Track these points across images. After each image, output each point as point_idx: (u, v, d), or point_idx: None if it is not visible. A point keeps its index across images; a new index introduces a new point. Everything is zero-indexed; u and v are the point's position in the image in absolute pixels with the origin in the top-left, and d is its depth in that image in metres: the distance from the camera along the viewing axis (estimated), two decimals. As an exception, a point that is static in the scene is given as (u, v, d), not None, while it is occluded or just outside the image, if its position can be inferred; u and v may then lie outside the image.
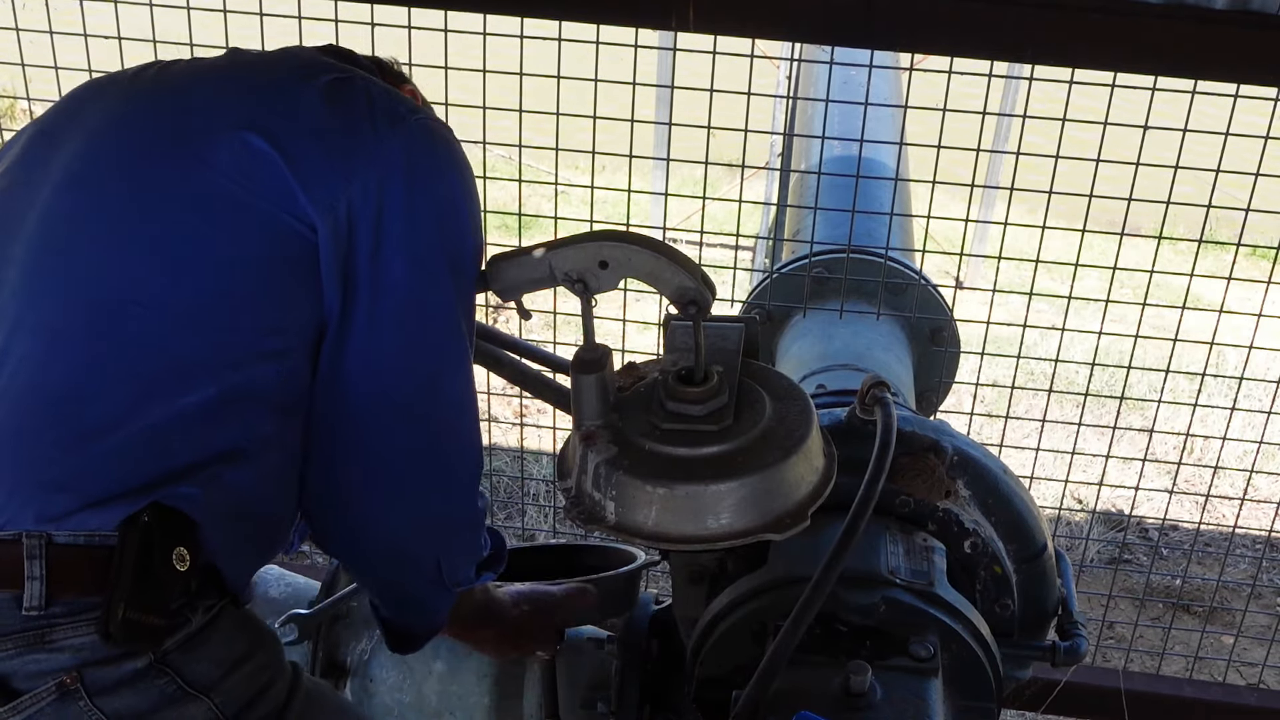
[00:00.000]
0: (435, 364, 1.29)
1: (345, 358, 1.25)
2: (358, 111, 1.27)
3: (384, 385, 1.26)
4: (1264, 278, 2.50)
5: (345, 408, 1.27)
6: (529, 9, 2.09)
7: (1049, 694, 2.55)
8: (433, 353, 1.29)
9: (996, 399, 4.16)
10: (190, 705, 1.20)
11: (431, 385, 1.29)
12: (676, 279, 1.30)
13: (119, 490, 1.15)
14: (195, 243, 1.21)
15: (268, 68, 1.35)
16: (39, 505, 1.14)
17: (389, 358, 1.26)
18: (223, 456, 1.20)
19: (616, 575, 1.68)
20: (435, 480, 1.33)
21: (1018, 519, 1.56)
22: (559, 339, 2.74)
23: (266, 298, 1.22)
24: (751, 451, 1.28)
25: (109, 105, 1.31)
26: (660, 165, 5.15)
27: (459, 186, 1.30)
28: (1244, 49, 1.90)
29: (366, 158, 1.24)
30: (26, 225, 1.24)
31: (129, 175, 1.24)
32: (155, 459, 1.17)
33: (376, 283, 1.24)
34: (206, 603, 1.24)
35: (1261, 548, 3.77)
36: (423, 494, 1.32)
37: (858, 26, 1.99)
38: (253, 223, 1.21)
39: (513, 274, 1.35)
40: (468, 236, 1.31)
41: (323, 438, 1.29)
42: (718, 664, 1.44)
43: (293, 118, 1.25)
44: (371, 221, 1.23)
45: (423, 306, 1.27)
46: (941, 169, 2.40)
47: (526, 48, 2.31)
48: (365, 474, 1.29)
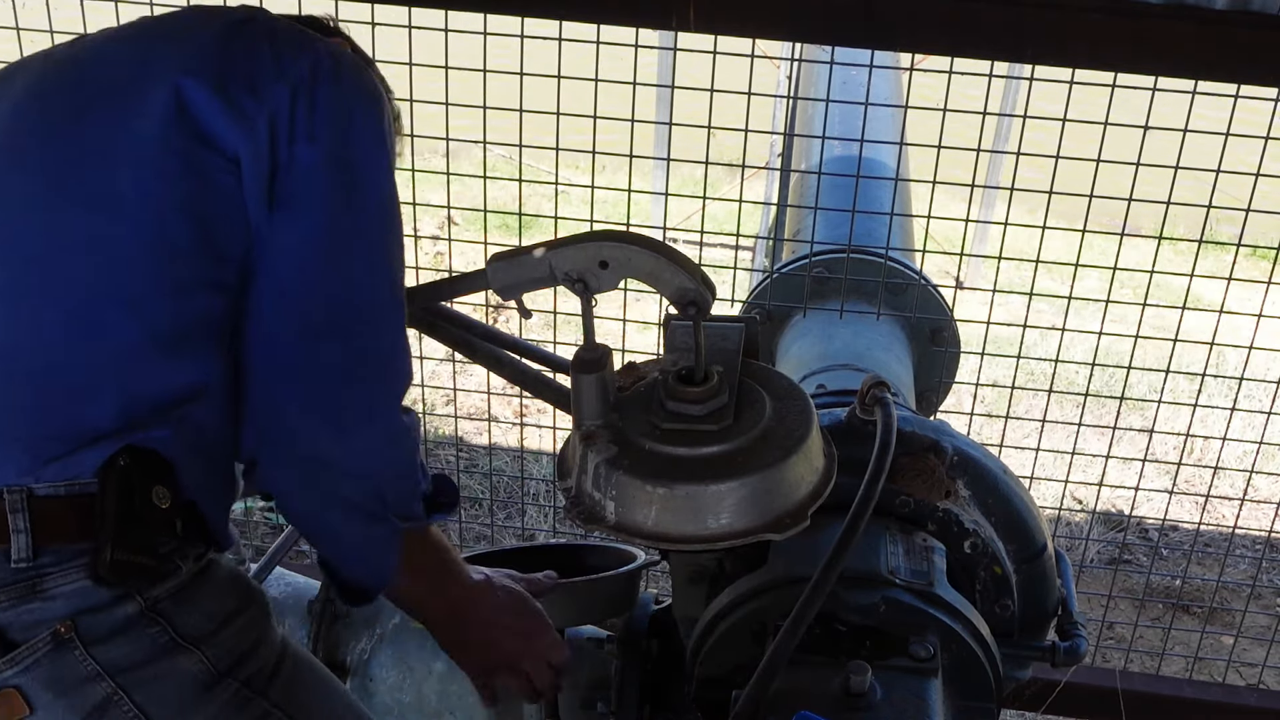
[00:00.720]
0: (354, 275, 1.30)
1: (265, 274, 1.28)
2: (263, 42, 1.32)
3: (302, 300, 1.28)
4: (1264, 278, 2.50)
5: (268, 325, 1.29)
6: (529, 9, 2.09)
7: (1049, 694, 2.55)
8: (350, 264, 1.30)
9: (996, 399, 4.16)
10: (182, 657, 1.22)
11: (350, 295, 1.30)
12: (676, 279, 1.30)
13: (92, 436, 1.19)
14: (128, 187, 1.24)
15: (175, 18, 1.41)
16: (15, 461, 1.18)
17: (306, 270, 1.28)
18: (187, 395, 1.24)
19: (616, 575, 1.68)
20: (363, 394, 1.32)
21: (1018, 519, 1.56)
22: (559, 339, 2.74)
23: (204, 231, 1.25)
24: (751, 451, 1.28)
25: (29, 76, 1.36)
26: (660, 165, 5.15)
27: (361, 105, 1.33)
28: (1244, 49, 1.90)
29: (275, 78, 1.28)
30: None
31: (57, 135, 1.28)
32: (122, 403, 1.20)
33: (292, 197, 1.27)
34: (195, 550, 1.27)
35: (1261, 548, 3.77)
36: (352, 408, 1.31)
37: (858, 26, 1.99)
38: (181, 161, 1.25)
39: (513, 274, 1.35)
40: (382, 157, 1.34)
41: (253, 362, 1.30)
42: (718, 664, 1.44)
43: (205, 58, 1.29)
44: (285, 137, 1.27)
45: (338, 220, 1.29)
46: (941, 169, 2.40)
47: (526, 48, 2.31)
48: (294, 393, 1.29)
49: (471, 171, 2.80)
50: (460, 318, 1.69)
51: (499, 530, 3.67)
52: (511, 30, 2.25)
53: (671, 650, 1.65)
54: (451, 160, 2.58)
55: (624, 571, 1.70)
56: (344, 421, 1.31)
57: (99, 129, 1.27)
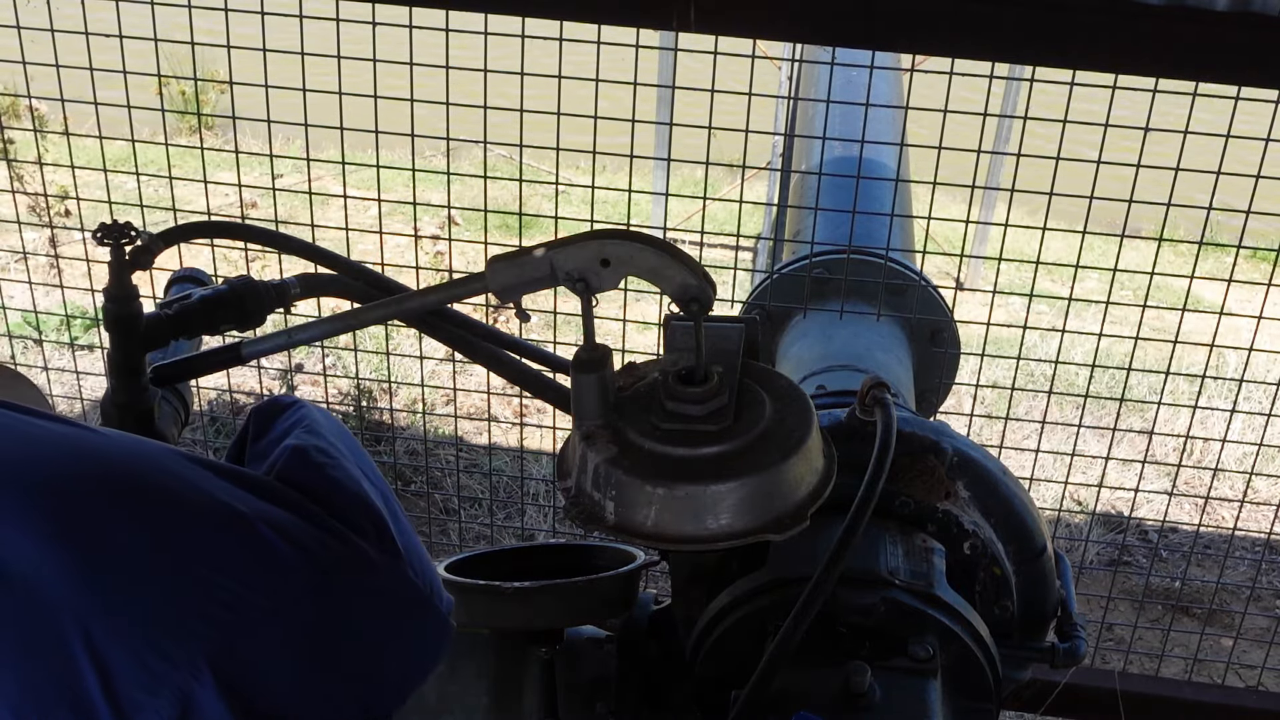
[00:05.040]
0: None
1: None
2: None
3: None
4: (1264, 280, 2.50)
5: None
6: (530, 9, 2.09)
7: (1048, 695, 2.55)
8: None
9: (996, 400, 4.16)
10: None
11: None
12: (679, 276, 1.30)
13: None
14: None
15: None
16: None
17: None
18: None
19: (614, 575, 1.68)
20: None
21: (1017, 520, 1.56)
22: (559, 339, 2.74)
23: None
24: (751, 452, 1.28)
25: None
26: (661, 165, 5.15)
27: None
28: (1245, 50, 1.90)
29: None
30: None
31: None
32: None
33: None
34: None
35: (1261, 550, 3.77)
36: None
37: (858, 27, 1.99)
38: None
39: (513, 274, 1.34)
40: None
41: None
42: (718, 664, 1.44)
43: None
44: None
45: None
46: (942, 170, 2.40)
47: (527, 48, 2.31)
48: None
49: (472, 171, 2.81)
50: (460, 318, 1.69)
51: (499, 530, 3.67)
52: (512, 30, 2.25)
53: (671, 650, 1.65)
54: (452, 160, 2.58)
55: (622, 572, 1.70)
56: None
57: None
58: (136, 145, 2.60)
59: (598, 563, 1.80)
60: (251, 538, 1.04)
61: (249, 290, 1.55)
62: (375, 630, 1.12)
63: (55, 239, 4.39)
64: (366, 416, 4.07)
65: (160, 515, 1.04)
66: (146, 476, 1.07)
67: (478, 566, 1.81)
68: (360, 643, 1.11)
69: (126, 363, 1.51)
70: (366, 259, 2.08)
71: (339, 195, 3.18)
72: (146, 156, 3.04)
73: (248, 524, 1.04)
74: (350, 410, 3.97)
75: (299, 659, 1.05)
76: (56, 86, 2.45)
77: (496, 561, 1.88)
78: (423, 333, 1.69)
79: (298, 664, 1.05)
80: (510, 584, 1.63)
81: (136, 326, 1.48)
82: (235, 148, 2.59)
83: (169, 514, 1.05)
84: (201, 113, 5.44)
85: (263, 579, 1.03)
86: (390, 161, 5.40)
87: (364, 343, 4.12)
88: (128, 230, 1.48)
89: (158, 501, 1.05)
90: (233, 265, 3.74)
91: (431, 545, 3.53)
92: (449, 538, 3.59)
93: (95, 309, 2.95)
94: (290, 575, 1.04)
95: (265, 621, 1.03)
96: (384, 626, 1.13)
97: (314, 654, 1.06)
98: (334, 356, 4.36)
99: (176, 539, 1.03)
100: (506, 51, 2.31)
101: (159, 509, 1.04)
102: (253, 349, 1.52)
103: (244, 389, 3.68)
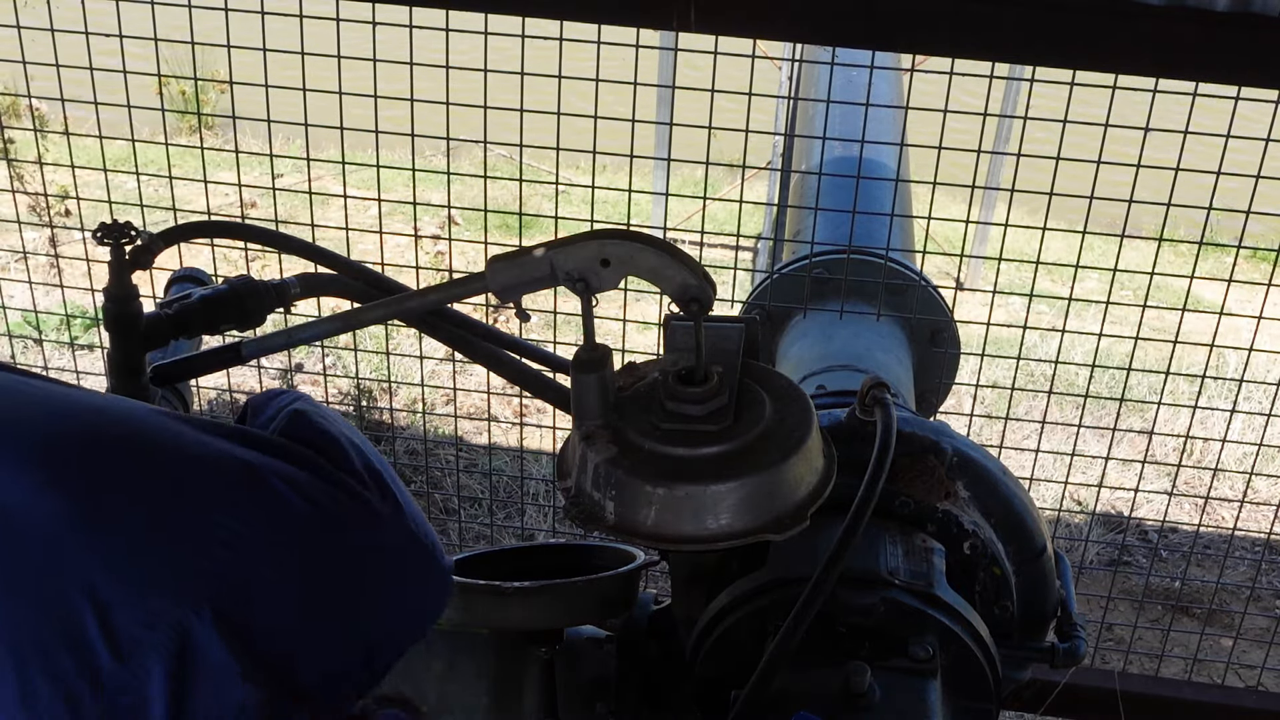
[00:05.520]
0: None
1: None
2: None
3: None
4: (1264, 280, 2.50)
5: None
6: (530, 9, 2.09)
7: (1048, 695, 2.55)
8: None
9: (996, 400, 4.16)
10: None
11: None
12: (679, 276, 1.30)
13: None
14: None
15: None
16: None
17: None
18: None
19: (614, 575, 1.68)
20: None
21: (1017, 520, 1.56)
22: (559, 339, 2.74)
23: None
24: (751, 452, 1.28)
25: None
26: (661, 165, 5.15)
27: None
28: (1245, 51, 1.90)
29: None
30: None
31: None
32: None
33: None
34: None
35: (1261, 550, 3.77)
36: None
37: (859, 27, 1.99)
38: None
39: (513, 274, 1.34)
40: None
41: None
42: (717, 664, 1.44)
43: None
44: None
45: None
46: (942, 170, 2.40)
47: (527, 48, 2.31)
48: None
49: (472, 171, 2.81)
50: (460, 317, 1.69)
51: (499, 530, 3.67)
52: (512, 30, 2.25)
53: (671, 650, 1.65)
54: (452, 160, 2.58)
55: (622, 572, 1.70)
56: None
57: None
58: (136, 145, 2.61)
59: (598, 563, 1.80)
60: (253, 481, 1.06)
61: (249, 290, 1.55)
62: (379, 581, 1.14)
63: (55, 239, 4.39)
64: (366, 416, 4.07)
65: (158, 460, 1.07)
66: (143, 428, 1.11)
67: (478, 566, 1.81)
68: (364, 593, 1.12)
69: (126, 362, 1.51)
70: (366, 259, 2.08)
71: (339, 195, 3.18)
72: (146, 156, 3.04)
73: (250, 469, 1.06)
74: (350, 410, 3.97)
75: (301, 603, 1.07)
76: (56, 86, 2.45)
77: (496, 561, 1.88)
78: (423, 333, 1.69)
79: (300, 608, 1.06)
80: (510, 584, 1.63)
81: (136, 326, 1.48)
82: (235, 147, 2.59)
83: (166, 458, 1.07)
84: (201, 112, 5.44)
85: (265, 520, 1.05)
86: (390, 161, 5.41)
87: (364, 343, 4.12)
88: (128, 230, 1.48)
89: (155, 449, 1.08)
90: (233, 265, 3.73)
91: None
92: (449, 538, 3.59)
93: (95, 309, 2.94)
94: (292, 519, 1.06)
95: (267, 563, 1.05)
96: (387, 577, 1.15)
97: (317, 600, 1.08)
98: (334, 356, 4.36)
99: (175, 481, 1.06)
100: (506, 51, 2.31)
101: (155, 455, 1.07)
102: (253, 348, 1.52)
103: (244, 389, 3.67)
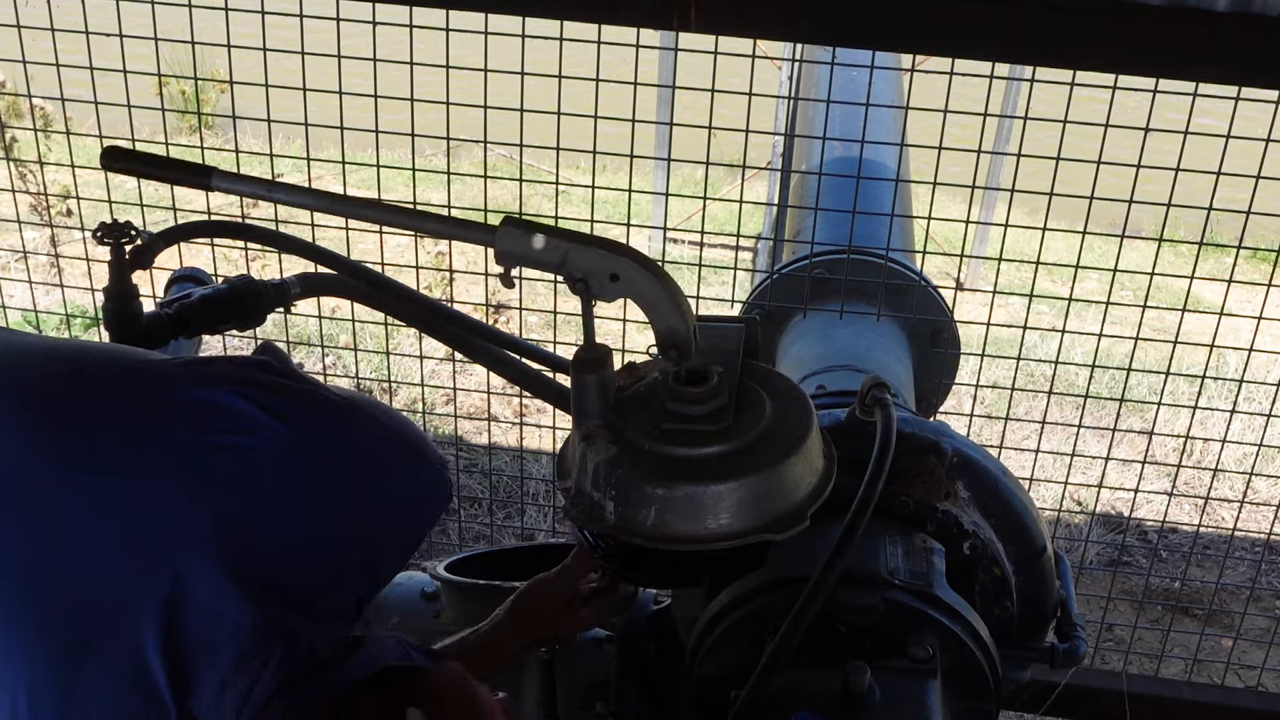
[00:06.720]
0: None
1: None
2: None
3: None
4: (1264, 280, 2.50)
5: None
6: (530, 9, 2.09)
7: (1048, 696, 2.55)
8: None
9: (996, 400, 4.16)
10: None
11: None
12: (672, 321, 1.29)
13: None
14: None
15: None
16: None
17: None
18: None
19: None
20: None
21: (1017, 520, 1.56)
22: (559, 339, 2.74)
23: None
24: (751, 452, 1.28)
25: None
26: (661, 165, 5.15)
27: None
28: (1245, 50, 1.90)
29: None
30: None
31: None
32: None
33: None
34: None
35: (1261, 550, 3.77)
36: None
37: (860, 27, 1.99)
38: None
39: (522, 245, 1.30)
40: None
41: None
42: (717, 664, 1.44)
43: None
44: None
45: None
46: (942, 170, 2.39)
47: (527, 47, 2.31)
48: None
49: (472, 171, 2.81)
50: (460, 317, 1.69)
51: (498, 530, 3.67)
52: (512, 30, 2.25)
53: (671, 650, 1.65)
54: (452, 160, 2.58)
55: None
56: None
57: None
58: (137, 145, 2.60)
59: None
60: (230, 396, 1.13)
61: (249, 289, 1.55)
62: (367, 477, 1.18)
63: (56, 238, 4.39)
64: (366, 416, 4.05)
65: (133, 389, 1.15)
66: (118, 362, 1.19)
67: (478, 566, 1.81)
68: (352, 489, 1.16)
69: (126, 362, 1.51)
70: (367, 259, 2.08)
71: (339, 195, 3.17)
72: (147, 156, 3.03)
73: (227, 384, 1.14)
74: (350, 410, 3.95)
75: (292, 509, 1.12)
76: (57, 86, 2.45)
77: (496, 561, 1.88)
78: (423, 332, 1.69)
79: (292, 514, 1.12)
80: (510, 584, 1.64)
81: (136, 326, 1.48)
82: (235, 147, 2.59)
83: (142, 387, 1.15)
84: (201, 112, 5.43)
85: (249, 430, 1.11)
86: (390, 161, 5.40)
87: (364, 342, 4.12)
88: (128, 229, 1.48)
89: (130, 377, 1.16)
90: (233, 265, 3.73)
91: (431, 545, 3.54)
92: (449, 538, 3.59)
93: (95, 308, 2.94)
94: (275, 427, 1.12)
95: (254, 471, 1.11)
96: (375, 474, 1.19)
97: (307, 504, 1.12)
98: (334, 356, 4.36)
99: (150, 404, 1.13)
100: (506, 51, 2.31)
101: (131, 384, 1.15)
102: (225, 181, 1.40)
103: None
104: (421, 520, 1.28)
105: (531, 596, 1.57)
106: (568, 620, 1.57)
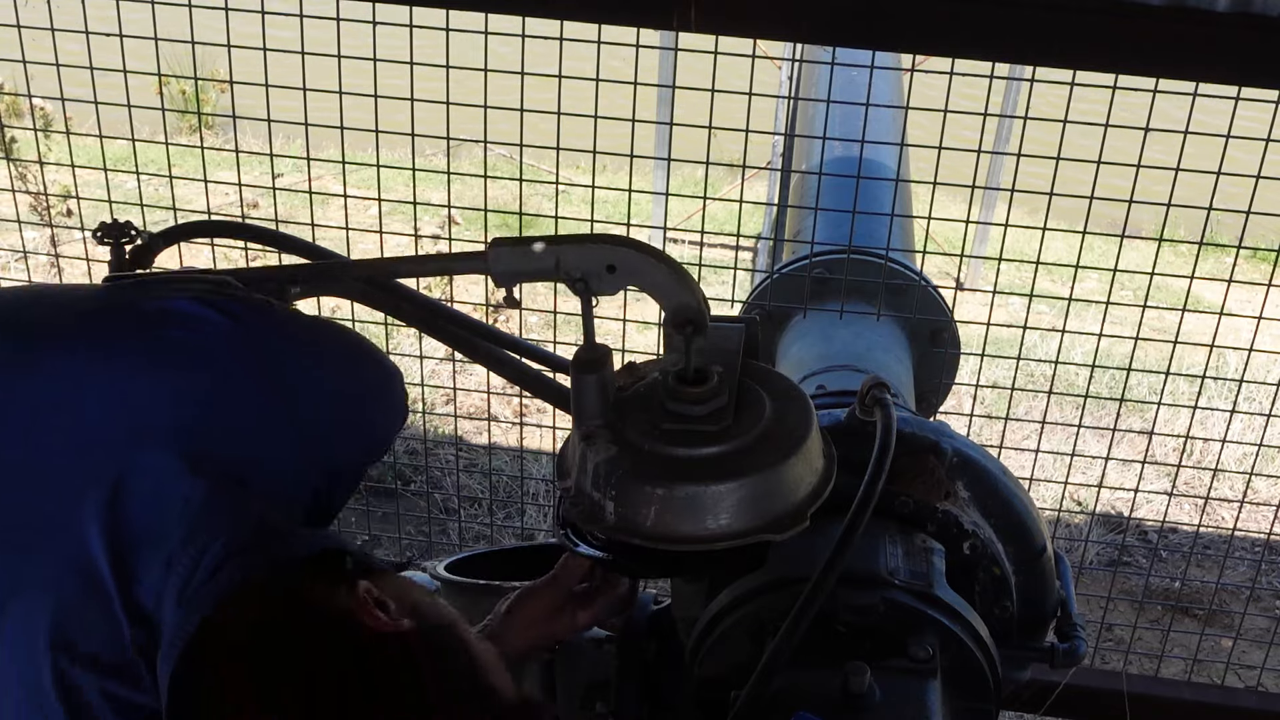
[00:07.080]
0: None
1: None
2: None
3: None
4: (1264, 280, 2.50)
5: None
6: (530, 8, 2.08)
7: (1048, 696, 2.55)
8: None
9: (996, 400, 4.16)
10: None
11: None
12: (681, 296, 1.30)
13: None
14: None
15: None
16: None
17: None
18: None
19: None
20: None
21: (1017, 521, 1.56)
22: (559, 339, 2.74)
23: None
24: (751, 452, 1.28)
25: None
26: (661, 165, 5.14)
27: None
28: (1245, 51, 1.90)
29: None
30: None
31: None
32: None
33: None
34: None
35: (1261, 550, 3.77)
36: None
37: (860, 27, 1.99)
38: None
39: (515, 262, 1.32)
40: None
41: None
42: (717, 664, 1.44)
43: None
44: None
45: None
46: (942, 170, 2.40)
47: (527, 47, 2.31)
48: None
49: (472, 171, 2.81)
50: (460, 317, 1.69)
51: (498, 530, 3.67)
52: (512, 30, 2.25)
53: (671, 650, 1.65)
54: (452, 159, 2.58)
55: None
56: None
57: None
58: (137, 145, 2.61)
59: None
60: (185, 302, 1.22)
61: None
62: (309, 370, 1.26)
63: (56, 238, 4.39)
64: (366, 416, 4.05)
65: (88, 299, 1.27)
66: (78, 288, 1.35)
67: (478, 566, 1.81)
68: (301, 381, 1.24)
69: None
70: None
71: (339, 194, 3.19)
72: (147, 156, 3.04)
73: (184, 294, 1.24)
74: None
75: (249, 398, 1.19)
76: (57, 86, 2.45)
77: (496, 561, 1.88)
78: (423, 332, 1.69)
79: (247, 401, 1.19)
80: (510, 584, 1.63)
81: (136, 326, 1.48)
82: (235, 147, 2.59)
83: (99, 299, 1.26)
84: (202, 112, 5.44)
85: (201, 328, 1.20)
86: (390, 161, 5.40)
87: (364, 342, 4.12)
88: (128, 229, 1.48)
89: (88, 299, 1.27)
90: (233, 265, 3.73)
91: (431, 545, 3.54)
92: (449, 537, 3.59)
93: (95, 308, 2.94)
94: (228, 324, 1.20)
95: (205, 359, 1.18)
96: (323, 376, 1.27)
97: (258, 390, 1.20)
98: (334, 356, 4.35)
99: (106, 311, 1.23)
100: (507, 51, 2.31)
101: (87, 297, 1.28)
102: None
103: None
104: (367, 416, 1.33)
105: (522, 607, 1.55)
106: (565, 625, 1.57)
